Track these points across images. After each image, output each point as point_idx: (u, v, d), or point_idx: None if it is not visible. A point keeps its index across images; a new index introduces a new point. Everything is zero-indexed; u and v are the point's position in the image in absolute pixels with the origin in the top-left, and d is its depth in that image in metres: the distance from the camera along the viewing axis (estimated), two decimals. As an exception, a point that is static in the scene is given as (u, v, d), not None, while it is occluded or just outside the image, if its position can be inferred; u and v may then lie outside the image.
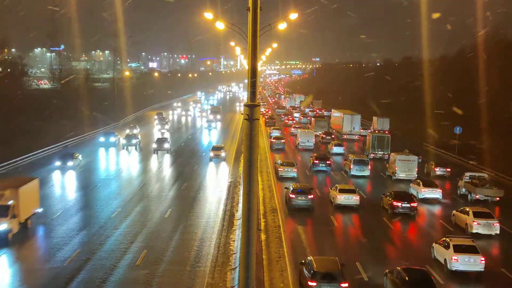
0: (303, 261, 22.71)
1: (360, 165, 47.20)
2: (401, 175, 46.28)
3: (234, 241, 27.28)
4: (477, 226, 30.57)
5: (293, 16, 21.04)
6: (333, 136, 70.56)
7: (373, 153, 58.13)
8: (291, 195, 34.93)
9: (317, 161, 49.44)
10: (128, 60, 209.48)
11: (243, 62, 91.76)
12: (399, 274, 21.64)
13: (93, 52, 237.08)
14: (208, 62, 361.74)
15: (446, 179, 48.09)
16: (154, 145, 56.80)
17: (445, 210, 37.01)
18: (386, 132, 72.42)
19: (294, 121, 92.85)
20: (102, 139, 62.08)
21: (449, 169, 49.19)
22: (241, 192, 34.01)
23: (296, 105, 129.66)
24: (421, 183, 39.59)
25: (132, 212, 33.85)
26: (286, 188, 37.09)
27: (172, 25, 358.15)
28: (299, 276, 22.52)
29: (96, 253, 25.39)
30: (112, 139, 61.61)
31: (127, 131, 69.18)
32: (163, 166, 50.83)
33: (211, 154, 52.58)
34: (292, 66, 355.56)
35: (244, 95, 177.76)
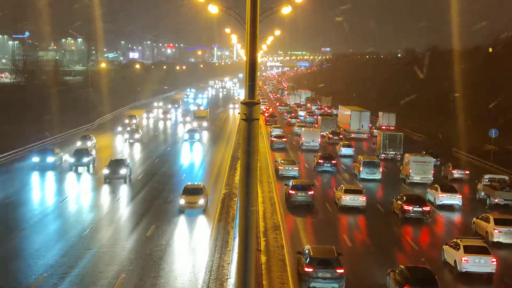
0: (300, 250, 26.67)
1: (371, 167, 49.44)
2: (415, 178, 48.65)
3: (228, 263, 26.99)
4: (499, 234, 31.71)
5: None
6: (341, 136, 73.25)
7: (384, 153, 61.49)
8: (290, 191, 39.42)
9: (321, 161, 53.35)
10: (105, 50, 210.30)
11: (240, 52, 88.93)
12: (401, 272, 24.21)
13: (63, 40, 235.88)
14: (199, 52, 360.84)
15: (465, 182, 50.41)
16: (106, 171, 46.52)
17: (465, 217, 38.90)
18: (392, 128, 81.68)
19: (298, 120, 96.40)
20: (35, 159, 51.97)
21: (467, 172, 51.33)
22: (237, 206, 34.55)
23: (301, 103, 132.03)
24: (439, 188, 41.30)
25: (65, 281, 25.49)
26: (286, 185, 41.58)
27: (157, 9, 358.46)
28: (297, 265, 26.45)
29: None
30: (49, 159, 51.92)
31: (78, 143, 62.04)
32: (122, 197, 42.28)
33: (182, 201, 37.30)
34: (298, 57, 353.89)
35: (241, 93, 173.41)
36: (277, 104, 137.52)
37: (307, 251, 25.57)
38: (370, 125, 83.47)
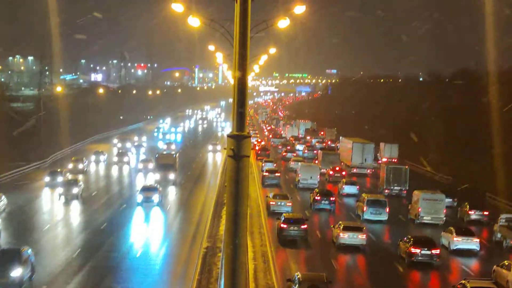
0: (290, 277, 31.50)
1: (376, 206, 52.46)
2: (425, 218, 51.94)
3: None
4: None
5: (299, 9, 20.81)
6: (344, 173, 75.50)
7: (388, 189, 66.48)
8: (282, 225, 44.34)
9: (318, 198, 57.11)
10: (61, 70, 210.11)
11: (228, 74, 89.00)
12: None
13: (10, 58, 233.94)
14: (177, 74, 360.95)
15: (483, 225, 52.97)
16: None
17: (481, 263, 41.30)
18: (395, 160, 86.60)
19: (295, 154, 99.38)
20: None
21: (486, 213, 53.96)
22: (221, 263, 33.67)
23: (300, 135, 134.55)
24: (454, 231, 43.76)
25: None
26: (278, 219, 46.66)
27: (126, 22, 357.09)
28: None
29: None
30: None
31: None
32: None
33: None
34: (298, 81, 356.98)
35: (226, 127, 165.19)
36: (271, 136, 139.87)
37: (297, 277, 30.49)
38: (382, 159, 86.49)
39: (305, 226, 44.47)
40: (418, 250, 38.42)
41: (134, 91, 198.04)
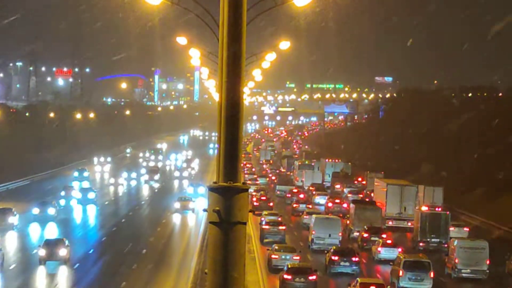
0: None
1: (415, 270, 51.23)
2: (463, 271, 53.88)
3: None
4: None
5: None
6: (384, 234, 69.13)
7: (424, 241, 66.38)
8: (285, 277, 47.42)
9: (336, 258, 55.12)
10: None
11: (209, 84, 74.60)
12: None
13: None
14: (124, 85, 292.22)
15: None
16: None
17: None
18: (439, 208, 75.26)
19: (310, 206, 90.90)
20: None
21: None
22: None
23: (325, 183, 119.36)
24: None
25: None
26: (282, 270, 48.91)
27: (38, 2, 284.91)
28: None
29: None
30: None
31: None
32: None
33: None
34: (329, 96, 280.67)
35: (199, 202, 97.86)
36: (274, 178, 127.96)
37: None
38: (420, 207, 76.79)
39: (314, 277, 46.94)
40: None
41: (52, 114, 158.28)
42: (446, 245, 63.04)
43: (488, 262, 53.58)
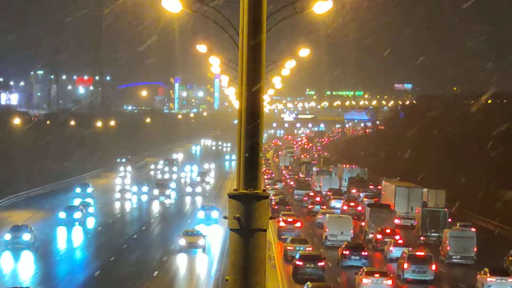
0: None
1: (419, 263, 56.33)
2: (454, 257, 61.49)
3: None
4: None
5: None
6: (397, 235, 71.93)
7: (425, 236, 73.54)
8: (297, 263, 53.98)
9: (347, 252, 61.07)
10: None
11: (229, 92, 74.73)
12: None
13: None
14: (144, 93, 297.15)
15: None
16: None
17: None
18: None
19: (325, 207, 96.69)
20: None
21: None
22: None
23: (342, 188, 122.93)
24: (487, 271, 52.02)
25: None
26: (293, 258, 56.43)
27: (59, 10, 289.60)
28: None
29: None
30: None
31: None
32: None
33: None
34: (349, 103, 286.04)
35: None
36: (291, 182, 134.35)
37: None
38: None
39: (323, 263, 53.83)
40: None
41: (72, 122, 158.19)
42: None
43: (475, 249, 61.19)
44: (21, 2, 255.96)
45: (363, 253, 61.21)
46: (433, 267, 56.99)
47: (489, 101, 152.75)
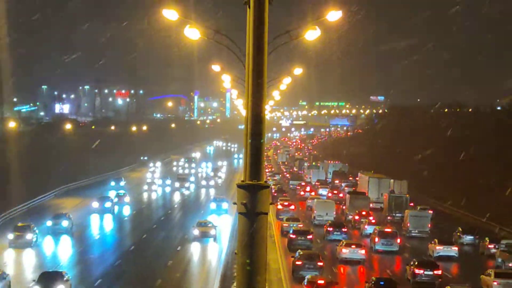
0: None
1: (387, 238, 68.02)
2: (413, 232, 77.04)
3: None
4: (498, 286, 50.50)
5: (334, 16, 20.64)
6: (372, 219, 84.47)
7: (391, 216, 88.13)
8: (291, 236, 65.47)
9: (331, 229, 73.37)
10: (15, 100, 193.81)
11: (238, 103, 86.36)
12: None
13: None
14: (170, 104, 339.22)
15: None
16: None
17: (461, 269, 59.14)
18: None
19: (314, 193, 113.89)
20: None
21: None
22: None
23: (327, 179, 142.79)
24: (437, 241, 65.45)
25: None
26: (288, 233, 68.55)
27: (102, 35, 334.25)
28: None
29: None
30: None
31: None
32: None
33: None
34: (333, 111, 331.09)
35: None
36: (287, 175, 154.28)
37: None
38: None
39: (311, 236, 65.88)
40: (421, 271, 54.01)
41: (113, 127, 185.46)
42: None
43: (429, 226, 76.99)
44: (66, 30, 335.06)
45: (343, 229, 73.25)
46: (398, 240, 68.13)
47: (445, 110, 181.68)
